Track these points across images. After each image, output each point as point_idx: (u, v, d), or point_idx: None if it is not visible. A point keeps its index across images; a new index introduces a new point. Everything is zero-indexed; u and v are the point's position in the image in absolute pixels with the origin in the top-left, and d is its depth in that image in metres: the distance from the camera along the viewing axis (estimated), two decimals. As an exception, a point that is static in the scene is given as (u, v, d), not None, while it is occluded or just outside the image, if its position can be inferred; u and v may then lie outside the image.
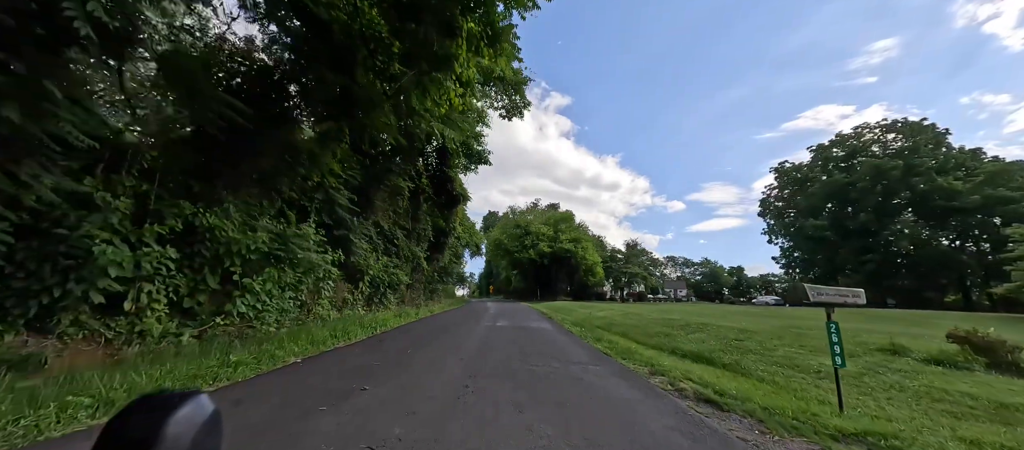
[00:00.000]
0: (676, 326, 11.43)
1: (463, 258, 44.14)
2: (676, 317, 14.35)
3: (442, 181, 18.89)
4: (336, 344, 7.09)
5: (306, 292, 9.57)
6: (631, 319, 14.39)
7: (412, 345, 7.34)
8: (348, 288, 12.42)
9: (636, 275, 63.85)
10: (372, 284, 13.83)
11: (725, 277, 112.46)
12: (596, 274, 51.90)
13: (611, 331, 11.49)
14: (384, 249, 15.88)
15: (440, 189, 19.63)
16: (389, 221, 16.14)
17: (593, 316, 16.60)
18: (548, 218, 53.98)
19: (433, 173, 19.46)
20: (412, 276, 20.28)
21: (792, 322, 12.67)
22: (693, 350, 7.67)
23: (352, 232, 11.92)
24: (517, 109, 17.02)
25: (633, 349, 7.71)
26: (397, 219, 16.85)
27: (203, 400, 0.62)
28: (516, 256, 48.01)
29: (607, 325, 12.80)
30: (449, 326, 11.44)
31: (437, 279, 25.29)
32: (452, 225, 20.83)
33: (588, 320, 15.11)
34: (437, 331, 9.75)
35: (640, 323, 12.94)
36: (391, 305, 15.49)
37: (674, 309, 22.67)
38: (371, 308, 13.83)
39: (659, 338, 9.55)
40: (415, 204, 18.11)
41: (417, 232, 18.63)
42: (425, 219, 18.88)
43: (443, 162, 18.04)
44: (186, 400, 0.59)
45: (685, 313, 17.74)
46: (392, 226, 16.22)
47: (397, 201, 14.37)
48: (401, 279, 16.01)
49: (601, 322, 13.75)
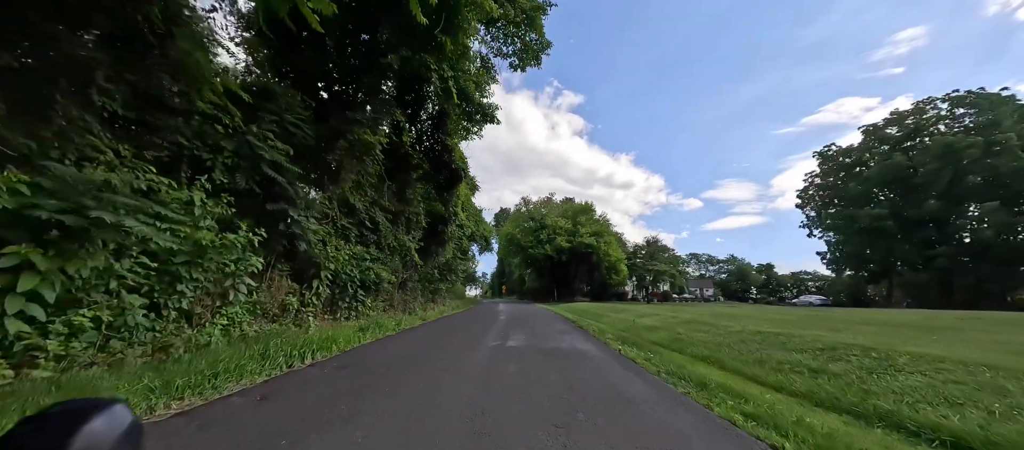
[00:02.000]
0: (777, 343, 7.42)
1: (472, 254, 40.45)
2: (748, 327, 10.28)
3: (439, 155, 15.17)
4: (160, 406, 3.38)
5: (196, 292, 5.97)
6: (693, 329, 10.40)
7: (316, 411, 3.58)
8: (291, 288, 8.79)
9: (662, 273, 59.17)
10: (336, 283, 10.21)
11: (754, 275, 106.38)
12: (620, 272, 47.59)
13: (685, 353, 7.55)
14: (360, 237, 12.26)
15: (437, 165, 15.91)
16: (365, 200, 12.50)
17: (637, 324, 12.62)
18: (566, 210, 49.81)
19: (429, 147, 15.75)
20: (404, 273, 16.64)
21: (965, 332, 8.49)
22: (936, 421, 3.66)
23: (295, 206, 8.28)
24: (532, 54, 13.15)
25: (778, 407, 3.81)
26: (378, 198, 13.20)
27: (120, 409, 0.57)
28: (530, 252, 44.05)
29: (670, 342, 8.84)
30: (428, 350, 7.65)
31: (438, 278, 21.60)
32: (453, 209, 17.08)
33: (633, 330, 11.16)
34: (400, 364, 6.00)
35: (711, 337, 8.96)
36: (368, 310, 11.86)
37: (722, 312, 18.48)
38: (335, 316, 10.20)
39: (785, 370, 5.57)
40: (403, 179, 14.45)
41: (407, 217, 14.96)
42: (417, 201, 15.20)
43: (440, 128, 14.35)
44: (101, 409, 0.55)
45: (747, 318, 13.62)
46: (369, 207, 12.57)
47: (367, 165, 10.65)
48: (383, 276, 12.36)
49: (658, 336, 9.80)
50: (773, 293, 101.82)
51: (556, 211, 49.95)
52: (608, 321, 14.95)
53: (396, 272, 15.74)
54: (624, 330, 11.73)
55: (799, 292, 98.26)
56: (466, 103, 13.67)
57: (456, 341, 8.21)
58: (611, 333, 10.43)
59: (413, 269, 17.05)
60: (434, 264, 20.81)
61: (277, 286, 8.49)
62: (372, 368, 5.25)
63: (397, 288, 16.36)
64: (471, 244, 27.41)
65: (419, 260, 15.13)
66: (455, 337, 8.90)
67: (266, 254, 8.19)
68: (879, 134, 50.61)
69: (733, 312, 18.27)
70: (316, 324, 9.08)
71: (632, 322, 13.41)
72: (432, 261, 19.68)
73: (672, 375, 5.23)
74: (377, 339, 8.30)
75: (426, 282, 19.88)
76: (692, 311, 19.80)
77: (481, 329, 10.91)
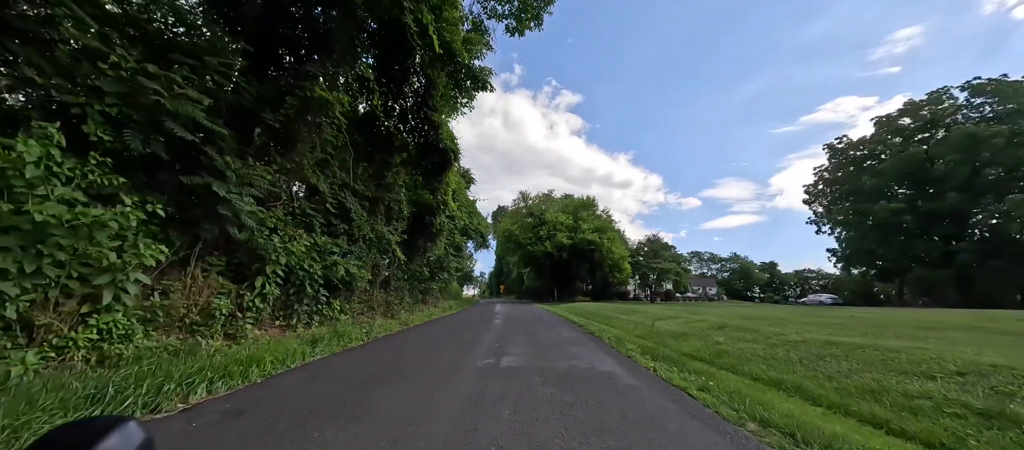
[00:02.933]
0: (864, 359, 5.51)
1: (467, 251, 38.44)
2: (804, 334, 8.36)
3: (425, 134, 13.18)
4: None
5: (37, 293, 4.04)
6: (734, 337, 8.48)
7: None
8: (223, 287, 6.83)
9: (666, 271, 57.32)
10: (291, 281, 8.24)
11: (757, 274, 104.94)
12: (623, 270, 45.68)
13: (742, 372, 5.62)
14: (327, 226, 10.29)
15: (425, 148, 13.92)
16: (333, 182, 10.52)
17: (659, 329, 10.70)
18: (566, 204, 47.82)
19: (414, 126, 13.74)
20: (386, 270, 14.67)
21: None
22: None
23: (223, 180, 6.32)
24: (531, 13, 11.18)
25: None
26: (350, 182, 11.22)
27: (132, 427, 0.58)
28: (529, 250, 42.06)
29: (712, 355, 6.91)
30: (390, 376, 5.68)
31: (429, 276, 19.62)
32: (441, 198, 15.09)
33: (656, 337, 9.25)
34: (332, 407, 4.05)
35: (764, 348, 7.05)
36: (337, 314, 9.91)
37: (749, 314, 16.63)
38: (290, 322, 8.23)
39: (929, 411, 3.64)
40: (382, 161, 12.49)
41: (387, 205, 12.99)
42: (399, 187, 13.23)
43: (425, 101, 12.36)
44: (113, 428, 0.55)
45: (786, 321, 11.74)
46: (338, 190, 10.59)
47: (325, 131, 8.62)
48: (356, 274, 10.41)
49: (691, 345, 7.87)
50: (776, 291, 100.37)
51: (556, 206, 47.98)
52: (621, 325, 13.02)
53: (376, 269, 13.79)
54: (644, 336, 9.80)
55: (803, 291, 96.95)
56: (453, 65, 11.67)
57: (435, 359, 6.25)
58: (632, 342, 8.49)
59: (397, 266, 15.08)
60: (423, 261, 18.84)
61: (201, 285, 6.52)
62: (282, 416, 3.29)
63: (379, 287, 14.42)
64: (466, 240, 25.41)
65: (401, 255, 13.16)
66: (435, 352, 6.94)
67: (182, 243, 6.24)
68: (892, 125, 48.88)
69: (761, 314, 16.38)
70: (257, 335, 7.12)
71: (651, 326, 11.48)
72: (420, 257, 17.71)
73: (764, 423, 3.30)
74: (330, 355, 6.33)
75: (414, 281, 17.90)
76: (712, 312, 17.90)
77: (472, 337, 8.96)
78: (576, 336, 9.67)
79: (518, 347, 7.38)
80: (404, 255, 14.01)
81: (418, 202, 15.12)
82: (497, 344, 7.64)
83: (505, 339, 8.62)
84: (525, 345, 7.74)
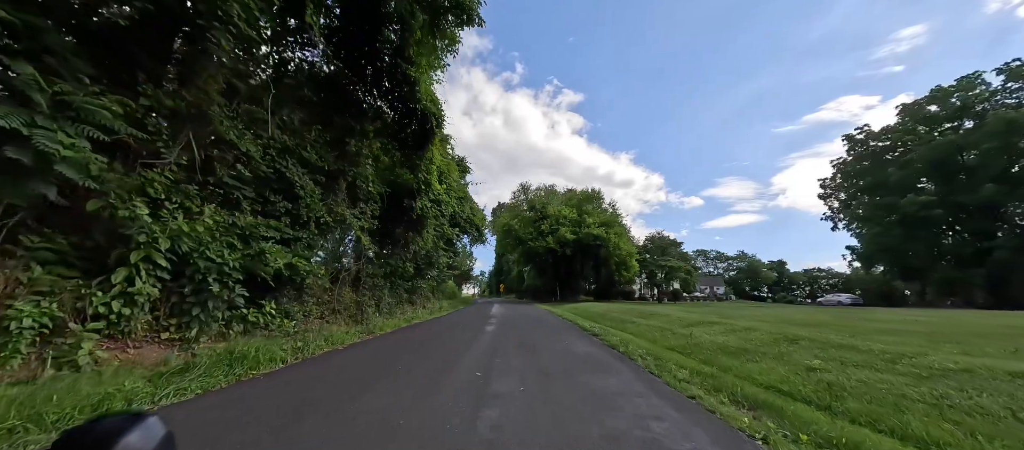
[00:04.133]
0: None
1: (464, 247, 35.90)
2: (924, 355, 5.87)
3: (401, 97, 10.62)
4: None
5: None
6: (816, 355, 5.98)
7: None
8: (37, 281, 4.32)
9: (675, 269, 54.73)
10: (186, 275, 5.74)
11: (765, 273, 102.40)
12: (630, 268, 43.08)
13: (905, 436, 3.08)
14: (262, 203, 7.79)
15: (403, 116, 11.38)
16: (265, 142, 7.97)
17: (701, 342, 8.17)
18: (570, 198, 45.16)
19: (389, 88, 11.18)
20: (356, 264, 12.16)
21: None
22: None
23: (26, 104, 3.82)
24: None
25: None
26: (298, 147, 8.67)
27: (153, 422, 0.59)
28: (530, 245, 39.46)
29: (826, 397, 4.39)
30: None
31: (413, 273, 17.07)
32: (423, 177, 12.54)
33: (703, 356, 6.75)
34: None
35: (908, 384, 4.56)
36: (273, 320, 7.42)
37: (794, 317, 14.24)
38: (185, 336, 5.72)
39: None
40: (344, 125, 9.98)
41: (354, 182, 10.44)
42: (365, 160, 10.69)
43: (399, 53, 9.80)
44: (135, 424, 0.56)
45: (858, 331, 9.27)
46: (277, 156, 8.04)
47: (225, 45, 5.98)
48: (300, 266, 7.92)
49: (776, 373, 5.33)
50: (786, 291, 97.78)
51: (558, 200, 45.38)
52: (644, 333, 10.52)
53: (339, 262, 11.30)
54: (685, 351, 7.29)
55: (812, 290, 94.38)
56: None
57: (363, 407, 3.74)
58: (677, 364, 5.97)
59: (369, 260, 12.56)
60: (407, 255, 16.32)
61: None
62: None
63: (347, 286, 11.94)
64: (458, 233, 22.84)
65: (368, 243, 10.65)
66: (371, 393, 4.41)
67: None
68: (919, 113, 46.18)
69: (801, 317, 13.88)
70: (104, 359, 4.61)
71: (688, 336, 8.96)
72: (401, 250, 15.19)
73: None
74: (193, 396, 3.81)
75: (396, 279, 15.38)
76: (741, 314, 15.38)
77: (446, 357, 6.44)
78: (594, 352, 7.15)
79: (511, 379, 4.86)
80: (375, 246, 11.50)
81: (395, 182, 12.58)
82: (479, 373, 5.09)
83: (494, 359, 6.09)
84: (523, 372, 5.22)
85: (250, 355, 4.91)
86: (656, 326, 11.88)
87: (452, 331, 10.05)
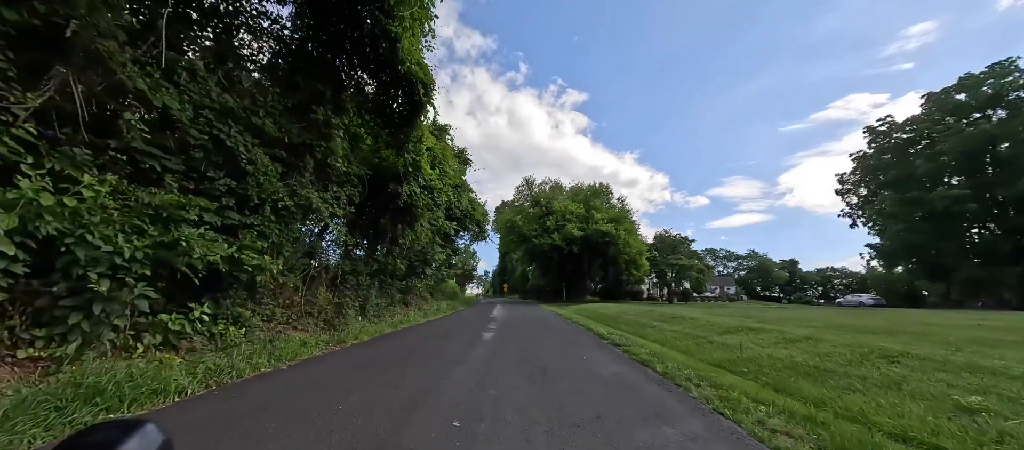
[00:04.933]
0: None
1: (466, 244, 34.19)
2: None
3: (381, 62, 8.91)
4: None
5: None
6: (932, 383, 4.22)
7: None
8: None
9: (686, 268, 52.68)
10: (52, 268, 4.08)
11: (776, 272, 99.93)
12: (640, 267, 41.16)
13: None
14: (197, 178, 6.13)
15: (385, 87, 9.69)
16: (200, 98, 6.28)
17: (757, 356, 6.38)
18: (577, 192, 43.25)
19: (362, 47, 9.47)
20: (331, 260, 10.49)
21: None
22: None
23: None
24: None
25: None
26: (236, 105, 6.99)
27: (150, 430, 0.58)
28: (535, 243, 37.63)
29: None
30: None
31: (406, 272, 15.37)
32: (411, 158, 10.80)
33: (781, 384, 4.98)
34: None
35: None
36: (210, 328, 5.77)
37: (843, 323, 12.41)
38: (52, 353, 4.06)
39: None
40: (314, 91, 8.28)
41: (326, 159, 8.75)
42: (336, 133, 8.98)
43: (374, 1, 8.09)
44: (132, 432, 0.55)
45: (931, 337, 7.48)
46: (218, 118, 6.35)
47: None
48: (244, 260, 6.25)
49: (889, 419, 3.54)
50: (799, 291, 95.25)
51: (564, 195, 43.49)
52: (671, 341, 8.75)
53: (311, 257, 9.66)
54: (738, 368, 5.51)
55: (825, 291, 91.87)
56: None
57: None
58: (750, 396, 4.21)
59: (350, 256, 10.87)
60: (397, 251, 14.63)
61: None
62: None
63: (324, 286, 10.28)
64: (455, 227, 21.11)
65: (344, 234, 8.96)
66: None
67: None
68: (946, 102, 43.81)
69: (863, 323, 12.01)
70: None
71: (738, 348, 7.18)
72: (388, 245, 13.50)
73: None
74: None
75: (388, 278, 13.69)
76: (782, 316, 13.52)
77: (419, 386, 4.71)
78: (625, 375, 5.39)
79: (509, 434, 3.11)
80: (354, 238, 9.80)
81: (379, 166, 10.88)
82: (458, 424, 3.32)
83: (487, 390, 4.36)
84: (530, 417, 3.48)
85: (108, 389, 3.21)
86: (685, 333, 10.11)
87: (442, 341, 8.34)
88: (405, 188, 10.94)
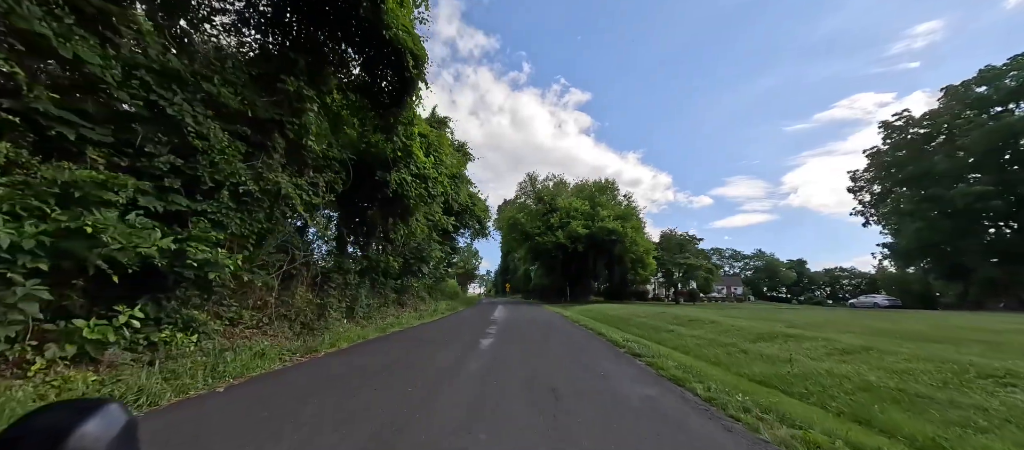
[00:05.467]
0: None
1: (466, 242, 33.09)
2: None
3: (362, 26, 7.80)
4: None
5: None
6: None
7: None
8: None
9: (694, 268, 51.35)
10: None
11: (784, 272, 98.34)
12: (647, 266, 39.93)
13: None
14: (134, 156, 5.04)
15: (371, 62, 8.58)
16: (134, 50, 5.18)
17: (807, 372, 5.21)
18: (581, 188, 41.99)
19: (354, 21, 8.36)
20: (310, 257, 9.38)
21: None
22: None
23: None
24: None
25: None
26: (182, 68, 5.89)
27: (115, 409, 0.57)
28: (538, 241, 36.46)
29: None
30: None
31: (401, 270, 14.26)
32: (401, 142, 9.67)
33: (824, 394, 3.80)
34: None
35: None
36: (165, 337, 4.69)
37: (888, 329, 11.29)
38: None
39: None
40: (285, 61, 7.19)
41: (300, 139, 7.65)
42: (309, 110, 7.86)
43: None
44: (95, 410, 0.54)
45: (1002, 346, 6.32)
46: (150, 80, 5.26)
47: None
48: (193, 257, 5.15)
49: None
50: (807, 292, 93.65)
51: (568, 192, 42.26)
52: (696, 349, 7.61)
53: (286, 253, 8.56)
54: (795, 389, 4.39)
55: (833, 291, 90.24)
56: None
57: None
58: (838, 437, 3.07)
59: (334, 252, 9.77)
60: (392, 248, 13.53)
61: None
62: None
63: (305, 286, 9.21)
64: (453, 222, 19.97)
65: (323, 228, 7.84)
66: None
67: None
68: (966, 96, 42.31)
69: (913, 328, 10.82)
70: None
71: (783, 361, 6.02)
72: (381, 240, 12.40)
73: None
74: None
75: (380, 276, 12.60)
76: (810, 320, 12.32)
77: (384, 423, 3.61)
78: (660, 401, 4.25)
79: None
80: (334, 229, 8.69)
81: (366, 151, 9.76)
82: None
83: (477, 433, 3.24)
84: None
85: None
86: (709, 338, 8.96)
87: (432, 350, 7.21)
88: (394, 175, 9.81)
